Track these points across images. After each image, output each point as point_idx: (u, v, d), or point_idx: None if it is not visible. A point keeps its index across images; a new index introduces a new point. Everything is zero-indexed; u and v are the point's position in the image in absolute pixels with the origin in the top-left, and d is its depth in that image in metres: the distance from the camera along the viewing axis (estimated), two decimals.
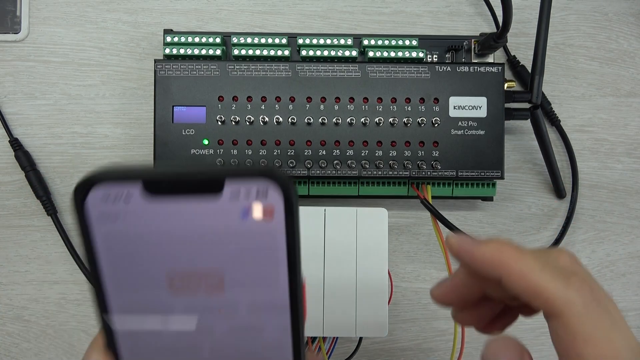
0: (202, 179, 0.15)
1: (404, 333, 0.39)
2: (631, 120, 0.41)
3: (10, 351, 0.39)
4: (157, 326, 0.17)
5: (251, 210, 0.15)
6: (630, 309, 0.40)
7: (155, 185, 0.15)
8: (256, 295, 0.16)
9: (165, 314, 0.17)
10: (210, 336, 0.17)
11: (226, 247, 0.16)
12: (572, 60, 0.41)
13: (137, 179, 0.15)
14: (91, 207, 0.15)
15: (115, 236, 0.16)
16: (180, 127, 0.35)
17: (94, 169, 0.15)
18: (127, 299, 0.17)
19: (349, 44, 0.37)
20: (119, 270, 0.16)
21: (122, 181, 0.15)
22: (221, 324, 0.17)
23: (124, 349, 0.17)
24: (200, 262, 0.16)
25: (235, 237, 0.16)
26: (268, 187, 0.15)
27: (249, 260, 0.16)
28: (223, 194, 0.15)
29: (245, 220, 0.15)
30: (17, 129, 0.39)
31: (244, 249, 0.16)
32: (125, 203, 0.15)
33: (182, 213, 0.15)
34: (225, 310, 0.16)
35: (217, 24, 0.40)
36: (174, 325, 0.17)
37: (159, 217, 0.15)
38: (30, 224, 0.39)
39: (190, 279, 0.16)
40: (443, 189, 0.36)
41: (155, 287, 0.16)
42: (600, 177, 0.41)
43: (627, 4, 0.41)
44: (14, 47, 0.40)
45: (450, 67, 0.35)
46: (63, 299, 0.39)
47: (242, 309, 0.16)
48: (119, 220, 0.16)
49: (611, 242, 0.40)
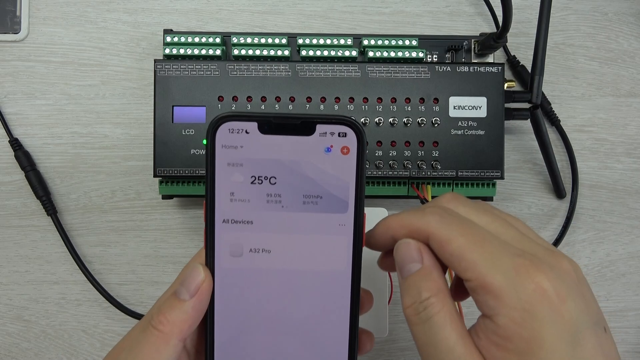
0: (300, 123, 0.22)
1: (404, 333, 0.39)
2: (631, 120, 0.41)
3: (10, 351, 0.39)
4: (251, 235, 0.22)
5: (333, 147, 0.22)
6: (630, 309, 0.40)
7: (267, 125, 0.22)
8: (328, 209, 0.22)
9: (260, 223, 0.22)
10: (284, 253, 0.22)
11: (310, 172, 0.22)
12: (572, 60, 0.41)
13: (255, 120, 0.22)
14: (220, 136, 0.22)
15: (234, 159, 0.22)
16: (180, 127, 0.35)
17: (221, 113, 0.22)
18: (232, 212, 0.22)
19: (349, 44, 0.37)
20: (229, 186, 0.22)
21: (245, 120, 0.21)
22: (293, 240, 0.22)
23: (220, 260, 0.22)
24: (291, 181, 0.22)
25: (319, 164, 0.22)
26: (347, 131, 0.22)
27: (327, 183, 0.22)
28: (314, 134, 0.22)
29: (329, 154, 0.22)
30: (17, 129, 0.39)
31: (324, 174, 0.22)
32: (246, 134, 0.22)
33: (284, 145, 0.22)
34: (298, 222, 0.22)
35: (217, 24, 0.40)
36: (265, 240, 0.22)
37: (268, 147, 0.22)
38: (30, 224, 0.39)
39: (283, 193, 0.22)
40: (443, 189, 0.36)
41: (256, 200, 0.22)
42: (600, 177, 0.41)
43: (627, 4, 0.41)
44: (14, 47, 0.40)
45: (450, 67, 0.35)
46: (63, 299, 0.39)
47: (313, 222, 0.22)
48: (239, 148, 0.22)
49: (611, 242, 0.40)
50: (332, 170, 0.22)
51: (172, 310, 0.21)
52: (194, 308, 0.21)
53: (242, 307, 0.23)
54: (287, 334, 0.23)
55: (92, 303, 0.39)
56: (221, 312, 0.23)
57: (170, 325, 0.21)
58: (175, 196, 0.37)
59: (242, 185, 0.22)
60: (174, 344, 0.21)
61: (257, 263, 0.22)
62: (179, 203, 0.39)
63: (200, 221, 0.39)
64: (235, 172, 0.22)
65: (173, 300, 0.21)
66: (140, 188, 0.39)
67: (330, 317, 0.23)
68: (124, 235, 0.39)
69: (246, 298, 0.23)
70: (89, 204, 0.39)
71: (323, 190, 0.22)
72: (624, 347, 0.40)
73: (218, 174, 0.22)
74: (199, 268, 0.22)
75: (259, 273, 0.22)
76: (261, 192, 0.22)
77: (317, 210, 0.22)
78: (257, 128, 0.22)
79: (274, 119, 0.22)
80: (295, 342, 0.23)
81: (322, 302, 0.23)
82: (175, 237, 0.39)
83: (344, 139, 0.22)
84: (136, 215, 0.39)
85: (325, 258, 0.23)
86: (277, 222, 0.22)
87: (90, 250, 0.39)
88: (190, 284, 0.22)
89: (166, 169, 0.35)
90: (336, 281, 0.23)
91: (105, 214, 0.39)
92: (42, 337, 0.39)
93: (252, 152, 0.22)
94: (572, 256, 0.40)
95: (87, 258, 0.39)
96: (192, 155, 0.35)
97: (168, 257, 0.39)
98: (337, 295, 0.23)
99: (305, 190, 0.22)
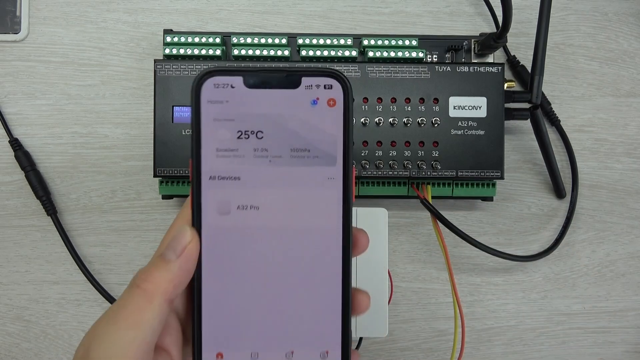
0: (285, 76, 0.22)
1: (404, 333, 0.39)
2: (631, 120, 0.41)
3: (10, 351, 0.39)
4: (237, 188, 0.22)
5: (319, 99, 0.22)
6: (630, 309, 0.40)
7: (253, 79, 0.21)
8: (316, 163, 0.22)
9: (248, 179, 0.22)
10: (273, 210, 0.22)
11: (297, 125, 0.22)
12: (572, 60, 0.41)
13: (240, 74, 0.21)
14: (205, 91, 0.21)
15: (219, 114, 0.22)
16: (180, 127, 0.35)
17: (206, 67, 0.21)
18: (219, 169, 0.22)
19: (348, 44, 0.37)
20: (215, 142, 0.22)
21: (230, 75, 0.21)
22: (280, 192, 0.22)
23: (206, 217, 0.22)
24: (278, 135, 0.22)
25: (306, 117, 0.22)
26: (332, 83, 0.22)
27: (314, 136, 0.22)
28: (300, 87, 0.22)
29: (315, 106, 0.22)
30: (17, 129, 0.39)
31: (311, 127, 0.22)
32: (232, 89, 0.21)
33: (270, 99, 0.22)
34: (286, 177, 0.22)
35: (217, 24, 0.40)
36: (252, 190, 0.22)
37: (254, 101, 0.22)
38: (30, 224, 0.39)
39: (270, 147, 0.22)
40: (443, 189, 0.36)
41: (243, 155, 0.22)
42: (600, 177, 0.41)
43: (627, 4, 0.41)
44: (14, 47, 0.40)
45: (450, 67, 0.35)
46: (63, 299, 0.39)
47: (302, 176, 0.22)
48: (224, 103, 0.21)
49: (611, 242, 0.40)
50: (319, 123, 0.22)
51: (157, 269, 0.21)
52: (181, 268, 0.21)
53: (231, 267, 0.22)
54: (277, 294, 0.22)
55: (92, 303, 0.39)
56: (209, 272, 0.22)
57: (154, 284, 0.20)
58: (175, 196, 0.37)
59: (229, 141, 0.22)
60: (158, 303, 0.20)
61: (245, 221, 0.22)
62: (179, 203, 0.39)
63: None
64: (221, 127, 0.22)
65: (159, 261, 0.21)
66: (140, 188, 0.39)
67: (321, 275, 0.22)
68: (124, 235, 0.39)
69: (234, 257, 0.22)
70: (89, 204, 0.39)
71: (310, 143, 0.22)
72: (624, 347, 0.40)
73: (204, 130, 0.22)
74: (186, 228, 0.21)
75: (248, 231, 0.22)
76: (248, 146, 0.22)
77: (305, 164, 0.22)
78: (242, 82, 0.21)
79: (259, 72, 0.22)
80: (285, 302, 0.22)
81: (312, 260, 0.22)
82: None
83: (330, 91, 0.22)
84: (136, 215, 0.39)
85: (315, 213, 0.22)
86: (265, 177, 0.22)
87: (90, 250, 0.39)
88: (176, 244, 0.21)
89: (166, 169, 0.35)
90: (327, 237, 0.22)
91: (105, 214, 0.39)
92: (42, 337, 0.39)
93: (238, 107, 0.22)
94: (572, 256, 0.40)
95: (87, 258, 0.39)
96: None
97: None
98: (328, 251, 0.22)
99: (292, 144, 0.22)
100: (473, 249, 0.36)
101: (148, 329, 0.20)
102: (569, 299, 0.40)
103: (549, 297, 0.40)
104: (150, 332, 0.20)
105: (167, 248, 0.21)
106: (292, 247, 0.22)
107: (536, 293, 0.40)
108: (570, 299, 0.40)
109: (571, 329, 0.40)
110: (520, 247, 0.40)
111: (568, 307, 0.40)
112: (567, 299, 0.40)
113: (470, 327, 0.40)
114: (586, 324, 0.40)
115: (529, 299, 0.40)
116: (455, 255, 0.40)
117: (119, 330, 0.19)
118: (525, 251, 0.40)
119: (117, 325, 0.20)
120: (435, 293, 0.40)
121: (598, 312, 0.40)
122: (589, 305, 0.40)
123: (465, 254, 0.40)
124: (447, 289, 0.40)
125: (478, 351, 0.40)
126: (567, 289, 0.40)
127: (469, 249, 0.37)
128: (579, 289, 0.40)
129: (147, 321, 0.20)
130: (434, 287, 0.40)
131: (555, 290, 0.40)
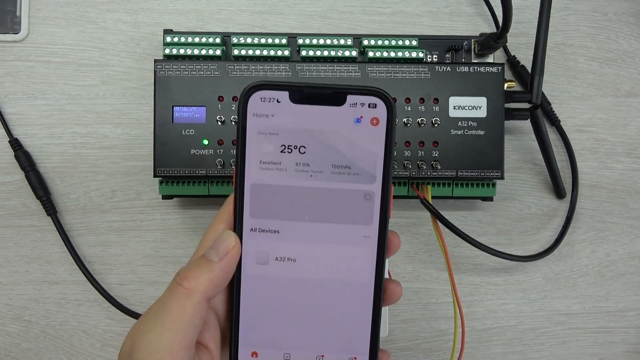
0: (331, 93, 0.22)
1: (404, 333, 0.39)
2: (631, 120, 0.41)
3: (10, 351, 0.39)
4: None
5: (363, 117, 0.22)
6: (630, 309, 0.40)
7: (299, 94, 0.22)
8: (356, 180, 0.22)
9: (291, 183, 0.23)
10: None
11: (340, 142, 0.22)
12: (572, 61, 0.41)
13: (287, 89, 0.22)
14: (251, 105, 0.22)
15: (264, 127, 0.22)
16: (180, 127, 0.35)
17: (253, 82, 0.22)
18: (261, 180, 0.23)
19: (348, 44, 0.37)
20: (259, 154, 0.22)
21: (276, 89, 0.22)
22: (320, 200, 0.23)
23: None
24: (320, 151, 0.22)
25: (349, 135, 0.22)
26: (377, 102, 0.22)
27: (355, 154, 0.22)
28: (344, 105, 0.22)
29: (358, 124, 0.22)
30: (17, 129, 0.39)
31: (353, 145, 0.22)
32: (277, 103, 0.22)
33: (314, 115, 0.22)
34: (327, 192, 0.23)
35: (217, 24, 0.40)
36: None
37: (299, 116, 0.22)
38: (30, 224, 0.39)
39: (312, 162, 0.22)
40: (443, 189, 0.36)
41: (285, 168, 0.22)
42: (600, 177, 0.41)
43: (627, 4, 0.41)
44: (14, 47, 0.40)
45: (450, 67, 0.35)
46: (63, 299, 0.39)
47: (341, 193, 0.23)
48: (270, 116, 0.22)
49: (611, 242, 0.40)
50: (361, 141, 0.22)
51: (198, 268, 0.21)
52: (222, 269, 0.22)
53: (269, 273, 0.23)
54: (311, 304, 0.23)
55: (92, 303, 0.39)
56: (248, 279, 0.23)
57: (195, 282, 0.21)
58: (175, 196, 0.37)
59: (272, 154, 0.22)
60: (197, 300, 0.21)
61: (286, 234, 0.23)
62: (179, 203, 0.39)
63: (200, 221, 0.39)
64: (266, 140, 0.22)
65: (201, 260, 0.22)
66: (141, 188, 0.39)
67: (355, 295, 0.23)
68: (124, 235, 0.39)
69: (274, 261, 0.23)
70: (89, 204, 0.39)
71: (351, 161, 0.22)
72: (624, 347, 0.40)
73: (249, 142, 0.22)
74: (230, 233, 0.23)
75: (288, 245, 0.23)
76: (290, 160, 0.22)
77: (345, 180, 0.23)
78: (288, 97, 0.22)
79: (306, 88, 0.22)
80: (318, 311, 0.23)
81: (348, 273, 0.23)
82: (175, 237, 0.39)
83: (374, 110, 0.22)
84: (136, 215, 0.39)
85: (351, 235, 0.23)
86: (306, 191, 0.23)
87: (90, 250, 0.39)
88: (219, 247, 0.22)
89: (166, 169, 0.35)
90: (364, 246, 0.23)
91: (105, 214, 0.39)
92: (42, 337, 0.39)
93: (283, 121, 0.22)
94: (572, 256, 0.40)
95: (87, 258, 0.39)
96: (192, 155, 0.35)
97: (168, 257, 0.39)
98: (363, 257, 0.23)
99: (333, 160, 0.22)
100: (473, 249, 0.36)
101: (190, 326, 0.21)
102: (569, 299, 0.40)
103: (549, 297, 0.40)
104: (191, 328, 0.21)
105: (211, 249, 0.22)
106: (331, 252, 0.23)
107: (536, 293, 0.40)
108: (570, 299, 0.40)
109: (571, 329, 0.40)
110: (520, 247, 0.40)
111: (568, 307, 0.40)
112: (567, 299, 0.40)
113: (470, 327, 0.40)
114: (586, 324, 0.40)
115: (529, 299, 0.40)
116: (455, 255, 0.40)
117: (162, 328, 0.20)
118: (525, 251, 0.40)
119: (160, 322, 0.20)
120: (435, 293, 0.40)
121: (598, 312, 0.40)
122: (589, 305, 0.40)
123: (465, 254, 0.40)
124: (447, 289, 0.40)
125: (478, 351, 0.40)
126: (567, 289, 0.40)
127: (469, 249, 0.37)
128: (579, 289, 0.40)
129: (189, 318, 0.21)
130: (434, 287, 0.40)
131: (555, 290, 0.40)
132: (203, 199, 0.39)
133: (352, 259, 0.23)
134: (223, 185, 0.36)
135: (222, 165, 0.35)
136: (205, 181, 0.36)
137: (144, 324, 0.21)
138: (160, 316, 0.21)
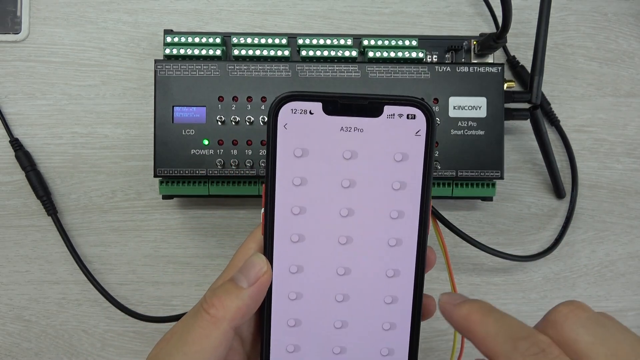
0: (368, 103, 0.21)
1: None
2: (631, 120, 0.41)
3: (11, 351, 0.39)
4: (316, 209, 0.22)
5: (402, 129, 0.21)
6: (630, 309, 0.40)
7: (333, 105, 0.21)
8: (396, 196, 0.22)
9: (331, 201, 0.22)
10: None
11: (379, 154, 0.21)
12: (572, 61, 0.41)
13: (320, 100, 0.21)
14: (282, 116, 0.21)
15: (297, 142, 0.21)
16: (180, 127, 0.35)
17: (284, 92, 0.21)
18: (293, 197, 0.21)
19: (348, 44, 0.37)
20: (292, 172, 0.21)
21: (308, 100, 0.21)
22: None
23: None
24: (356, 164, 0.21)
25: (388, 147, 0.21)
26: (416, 112, 0.21)
27: (397, 167, 0.21)
28: (381, 116, 0.21)
29: (396, 136, 0.21)
30: (17, 129, 0.39)
31: (393, 157, 0.21)
32: (310, 115, 0.21)
33: (350, 127, 0.21)
34: (366, 200, 0.22)
35: (217, 24, 0.40)
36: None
37: (334, 128, 0.21)
38: (30, 224, 0.39)
39: (350, 179, 0.21)
40: (443, 189, 0.37)
41: (325, 183, 0.21)
42: (600, 177, 0.41)
43: (626, 4, 0.41)
44: (15, 47, 0.40)
45: (450, 68, 0.35)
46: (63, 299, 0.39)
47: (380, 203, 0.22)
48: (302, 129, 0.21)
49: (611, 242, 0.40)
50: (399, 154, 0.21)
51: (227, 296, 0.20)
52: (251, 297, 0.21)
53: (300, 299, 0.22)
54: (345, 332, 0.22)
55: (92, 303, 0.39)
56: (278, 302, 0.22)
57: (224, 310, 0.20)
58: (175, 196, 0.37)
59: (304, 169, 0.21)
60: (224, 329, 0.20)
61: (316, 251, 0.22)
62: (179, 203, 0.39)
63: (200, 221, 0.39)
64: (297, 156, 0.21)
65: (230, 286, 0.21)
66: (141, 188, 0.39)
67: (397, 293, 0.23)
68: (124, 235, 0.39)
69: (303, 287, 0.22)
70: (89, 204, 0.39)
71: (388, 175, 0.22)
72: None
73: (279, 158, 0.21)
74: (261, 257, 0.21)
75: (319, 263, 0.22)
76: (324, 177, 0.21)
77: (382, 195, 0.22)
78: (321, 108, 0.21)
79: (340, 99, 0.21)
80: (352, 345, 0.22)
81: (387, 291, 0.23)
82: (176, 237, 0.39)
83: (413, 121, 0.21)
84: (136, 215, 0.39)
85: (389, 247, 0.22)
86: (342, 206, 0.22)
87: (91, 250, 0.39)
88: (250, 272, 0.21)
89: (166, 169, 0.35)
90: (402, 261, 0.23)
91: (105, 214, 0.39)
92: (42, 337, 0.39)
93: (316, 135, 0.21)
94: (571, 256, 0.40)
95: (87, 258, 0.39)
96: (193, 155, 0.35)
97: (168, 257, 0.39)
98: (402, 276, 0.23)
99: (370, 175, 0.22)
100: (473, 249, 0.36)
101: (213, 355, 0.20)
102: (569, 299, 0.40)
103: (549, 297, 0.40)
104: (214, 357, 0.20)
105: (241, 273, 0.21)
106: (366, 276, 0.22)
107: (536, 293, 0.40)
108: (570, 299, 0.40)
109: None
110: (520, 247, 0.40)
111: None
112: (566, 299, 0.40)
113: None
114: None
115: (529, 299, 0.40)
116: (455, 255, 0.40)
117: (184, 356, 0.20)
118: (525, 251, 0.40)
119: (183, 349, 0.20)
120: (435, 293, 0.40)
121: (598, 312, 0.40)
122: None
123: (465, 254, 0.40)
124: (447, 289, 0.40)
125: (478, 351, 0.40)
126: (567, 289, 0.40)
127: (469, 249, 0.37)
128: (579, 289, 0.40)
129: (213, 347, 0.20)
130: (434, 287, 0.40)
131: (555, 290, 0.40)
132: (203, 199, 0.39)
133: (390, 275, 0.22)
134: (223, 185, 0.36)
135: (222, 165, 0.35)
136: (205, 181, 0.36)
137: (165, 350, 0.20)
138: (183, 344, 0.20)
